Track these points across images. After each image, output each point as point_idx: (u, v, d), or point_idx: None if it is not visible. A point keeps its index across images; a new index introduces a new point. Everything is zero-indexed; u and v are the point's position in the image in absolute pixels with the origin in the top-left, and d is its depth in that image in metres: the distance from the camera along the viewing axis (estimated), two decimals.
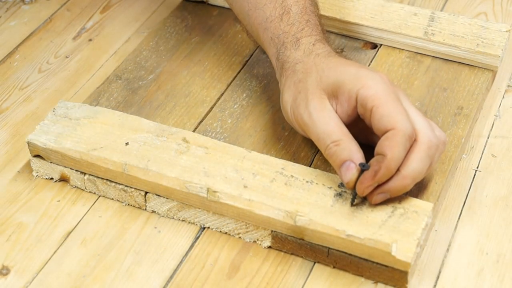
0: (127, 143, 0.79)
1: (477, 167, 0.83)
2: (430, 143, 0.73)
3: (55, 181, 0.81)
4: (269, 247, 0.75)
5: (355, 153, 0.72)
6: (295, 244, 0.74)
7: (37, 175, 0.82)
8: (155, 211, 0.78)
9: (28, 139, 0.80)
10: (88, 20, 1.03)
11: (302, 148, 0.82)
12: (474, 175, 0.83)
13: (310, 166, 0.78)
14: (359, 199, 0.73)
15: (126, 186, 0.78)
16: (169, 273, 0.73)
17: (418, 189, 0.77)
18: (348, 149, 0.72)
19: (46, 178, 0.81)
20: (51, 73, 0.95)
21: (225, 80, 0.91)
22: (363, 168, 0.71)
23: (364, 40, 0.96)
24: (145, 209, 0.78)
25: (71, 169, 0.79)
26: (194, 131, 0.84)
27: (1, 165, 0.83)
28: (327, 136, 0.74)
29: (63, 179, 0.81)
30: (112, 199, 0.79)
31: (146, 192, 0.77)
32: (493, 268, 0.74)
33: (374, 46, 0.96)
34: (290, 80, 0.78)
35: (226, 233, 0.76)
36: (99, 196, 0.80)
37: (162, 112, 0.87)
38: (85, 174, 0.79)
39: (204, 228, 0.77)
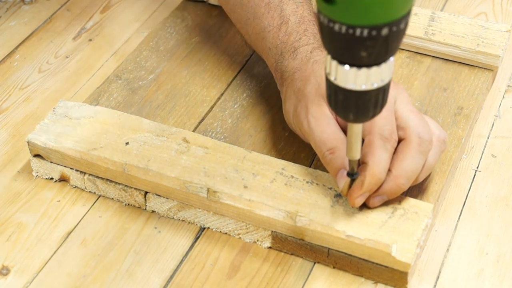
0: (127, 143, 0.79)
1: (477, 167, 0.83)
2: (419, 139, 0.72)
3: (55, 181, 0.81)
4: (269, 247, 0.75)
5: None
6: (295, 245, 0.74)
7: (37, 175, 0.82)
8: (155, 211, 0.78)
9: (28, 138, 0.79)
10: (88, 20, 1.03)
11: (303, 148, 0.82)
12: (474, 175, 0.83)
13: (310, 167, 0.78)
14: None
15: (126, 186, 0.78)
16: (169, 273, 0.73)
17: (418, 190, 0.77)
18: (341, 157, 0.72)
19: (46, 178, 0.81)
20: (51, 73, 0.95)
21: (225, 80, 0.91)
22: (352, 178, 0.70)
23: None
24: (145, 209, 0.78)
25: (71, 168, 0.79)
26: (194, 131, 0.84)
27: (1, 165, 0.83)
28: (323, 144, 0.73)
29: (63, 179, 0.81)
30: (112, 199, 0.79)
31: (146, 192, 0.77)
32: (493, 268, 0.74)
33: None
34: (290, 90, 0.78)
35: (226, 233, 0.76)
36: (99, 196, 0.80)
37: (162, 112, 0.87)
38: (85, 173, 0.79)
39: (204, 228, 0.77)
